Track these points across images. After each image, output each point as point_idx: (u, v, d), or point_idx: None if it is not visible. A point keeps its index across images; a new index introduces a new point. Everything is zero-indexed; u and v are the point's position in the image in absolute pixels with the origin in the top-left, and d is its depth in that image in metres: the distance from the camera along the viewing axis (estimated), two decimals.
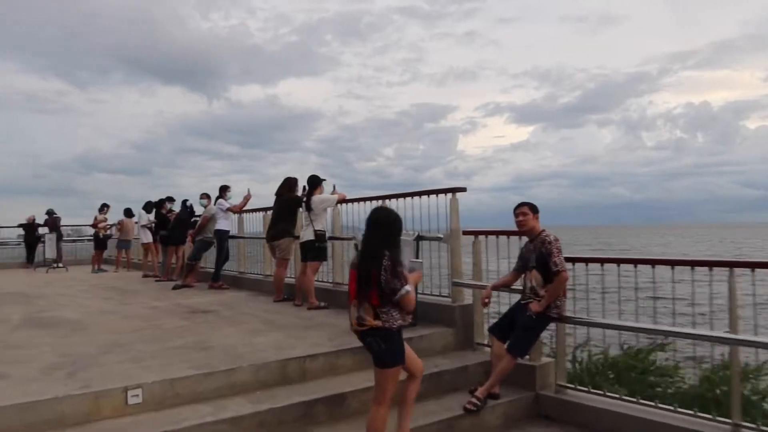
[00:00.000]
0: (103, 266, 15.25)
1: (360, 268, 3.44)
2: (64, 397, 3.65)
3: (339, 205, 7.51)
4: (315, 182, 7.38)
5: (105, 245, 15.74)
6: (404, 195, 6.37)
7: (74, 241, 20.03)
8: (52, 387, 3.83)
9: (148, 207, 13.14)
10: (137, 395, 3.84)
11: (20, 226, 17.72)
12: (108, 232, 15.76)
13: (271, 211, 8.34)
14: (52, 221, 16.57)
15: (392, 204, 6.64)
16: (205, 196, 10.50)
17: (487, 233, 5.68)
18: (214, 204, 10.07)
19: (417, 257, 5.62)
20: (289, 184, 7.99)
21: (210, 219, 10.09)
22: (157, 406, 3.88)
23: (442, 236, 5.88)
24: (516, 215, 4.78)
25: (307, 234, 7.23)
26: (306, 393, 4.23)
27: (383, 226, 3.51)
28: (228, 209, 9.84)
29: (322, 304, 7.11)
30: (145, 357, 4.64)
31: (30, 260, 17.06)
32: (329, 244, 7.36)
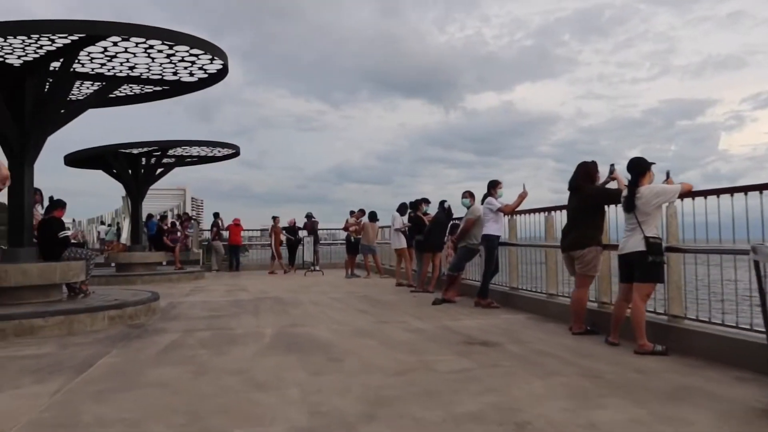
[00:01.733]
0: (356, 271, 14.73)
1: None
2: None
3: (680, 200, 5.06)
4: (642, 167, 5.05)
5: (357, 250, 15.27)
6: None
7: (330, 244, 20.40)
8: None
9: (402, 209, 12.03)
10: None
11: (283, 229, 18.34)
12: (359, 236, 15.27)
13: (566, 210, 6.22)
14: (310, 224, 16.75)
15: None
16: (469, 194, 8.80)
17: None
18: (482, 203, 8.31)
19: None
20: (588, 171, 5.85)
21: (476, 222, 8.37)
22: None
23: None
24: None
25: (632, 243, 4.93)
26: None
27: None
28: (499, 209, 7.96)
29: (659, 348, 4.74)
30: None
31: (291, 262, 17.49)
32: (665, 257, 4.96)
